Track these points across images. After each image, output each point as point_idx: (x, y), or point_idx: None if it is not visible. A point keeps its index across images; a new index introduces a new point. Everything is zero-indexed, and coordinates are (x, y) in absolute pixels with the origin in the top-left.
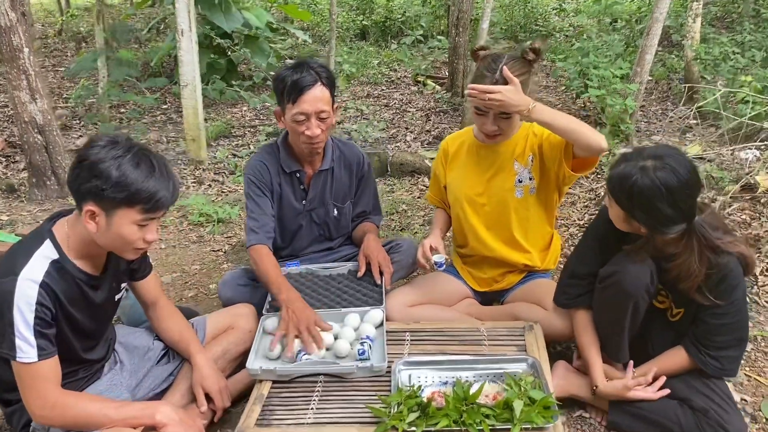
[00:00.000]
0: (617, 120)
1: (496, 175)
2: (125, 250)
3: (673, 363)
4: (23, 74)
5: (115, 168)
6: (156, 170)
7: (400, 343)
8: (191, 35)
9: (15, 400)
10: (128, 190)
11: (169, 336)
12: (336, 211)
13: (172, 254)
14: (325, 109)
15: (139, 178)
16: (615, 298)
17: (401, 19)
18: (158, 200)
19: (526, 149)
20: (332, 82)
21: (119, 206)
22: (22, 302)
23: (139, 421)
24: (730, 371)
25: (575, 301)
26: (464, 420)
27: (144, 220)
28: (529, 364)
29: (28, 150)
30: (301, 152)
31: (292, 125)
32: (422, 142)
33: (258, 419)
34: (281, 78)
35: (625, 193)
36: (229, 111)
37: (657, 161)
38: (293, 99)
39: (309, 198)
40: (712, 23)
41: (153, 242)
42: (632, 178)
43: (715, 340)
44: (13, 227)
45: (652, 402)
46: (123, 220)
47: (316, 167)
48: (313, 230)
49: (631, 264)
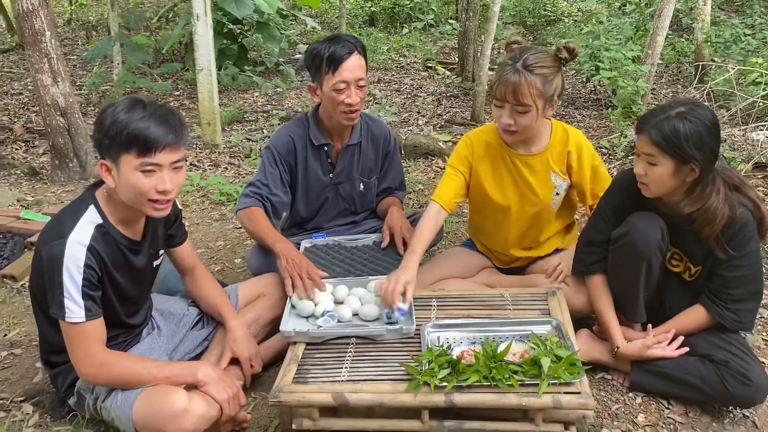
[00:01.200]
0: (629, 102)
1: (534, 189)
2: (142, 203)
3: (690, 321)
4: (45, 57)
5: (110, 116)
6: (147, 111)
7: (427, 308)
8: (206, 20)
9: (60, 362)
10: (121, 134)
11: (205, 302)
12: (362, 185)
13: (196, 231)
14: (362, 77)
15: (129, 120)
16: (628, 257)
17: (410, 5)
18: (148, 138)
19: (561, 161)
20: (365, 52)
21: (119, 154)
22: (71, 264)
23: (181, 379)
24: (747, 324)
25: (591, 268)
26: (493, 376)
27: (143, 165)
28: (553, 326)
29: (51, 133)
30: (334, 125)
31: (331, 95)
32: (434, 125)
33: (294, 377)
34: (316, 52)
35: (676, 140)
36: (241, 97)
37: (687, 107)
38: (333, 69)
39: (336, 171)
40: (721, 7)
41: (168, 193)
42: (679, 124)
43: (731, 293)
44: (39, 207)
45: (672, 360)
46: (126, 168)
47: (344, 141)
48: (339, 204)
49: (641, 223)
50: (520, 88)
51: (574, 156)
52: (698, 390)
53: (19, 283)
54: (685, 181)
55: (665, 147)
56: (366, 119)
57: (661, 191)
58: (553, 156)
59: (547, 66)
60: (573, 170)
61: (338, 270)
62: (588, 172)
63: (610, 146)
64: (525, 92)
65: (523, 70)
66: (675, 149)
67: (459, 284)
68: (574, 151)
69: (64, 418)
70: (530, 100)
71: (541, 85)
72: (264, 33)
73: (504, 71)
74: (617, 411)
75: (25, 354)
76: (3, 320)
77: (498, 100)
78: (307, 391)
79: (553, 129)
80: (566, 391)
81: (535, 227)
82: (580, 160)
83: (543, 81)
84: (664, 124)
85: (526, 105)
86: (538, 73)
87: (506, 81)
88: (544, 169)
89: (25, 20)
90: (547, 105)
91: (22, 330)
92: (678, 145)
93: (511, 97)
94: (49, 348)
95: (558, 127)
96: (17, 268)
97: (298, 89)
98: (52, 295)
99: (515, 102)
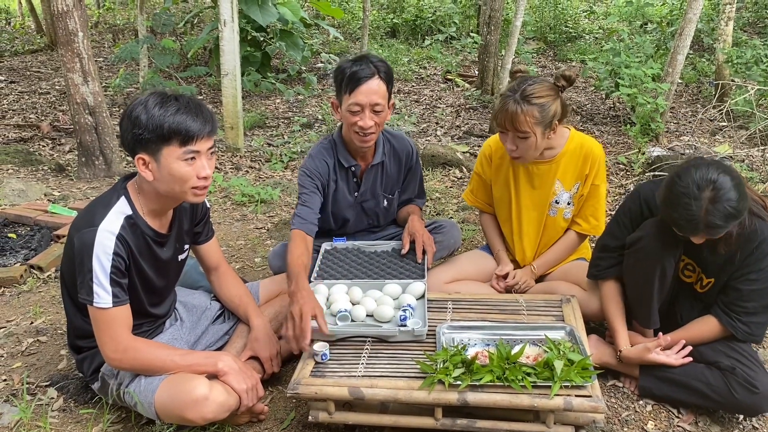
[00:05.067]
0: (648, 119)
1: (536, 190)
2: (185, 191)
3: (701, 332)
4: (77, 57)
5: (144, 112)
6: (182, 105)
7: (442, 311)
8: (233, 26)
9: (86, 347)
10: (160, 128)
11: (229, 299)
12: (386, 201)
13: (217, 230)
14: (380, 102)
15: (165, 114)
16: (642, 261)
17: (432, 18)
18: (189, 129)
19: (573, 173)
20: (390, 77)
21: (160, 146)
22: (100, 251)
23: (203, 368)
24: (758, 337)
25: (605, 273)
26: (507, 376)
27: (186, 153)
28: (567, 332)
29: (79, 130)
30: (352, 145)
31: (346, 115)
32: (452, 136)
33: (312, 371)
34: (341, 69)
35: (725, 226)
36: (263, 103)
37: (710, 187)
38: (350, 89)
39: (361, 191)
40: (744, 29)
41: (208, 178)
42: (716, 215)
43: (745, 306)
44: (65, 202)
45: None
46: (168, 159)
47: (368, 161)
48: (363, 220)
49: (657, 228)
50: (518, 117)
51: (588, 166)
52: (705, 396)
53: (46, 274)
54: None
55: (722, 232)
56: (388, 136)
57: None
58: (561, 165)
59: (543, 96)
60: (588, 179)
61: (356, 272)
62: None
63: (628, 162)
64: (522, 121)
65: (521, 100)
66: (726, 230)
67: (474, 287)
68: (589, 161)
69: (88, 403)
70: (528, 127)
71: (538, 114)
72: (287, 41)
73: (504, 102)
74: (627, 417)
75: (50, 341)
76: (30, 308)
77: (500, 128)
78: (325, 385)
79: (569, 139)
80: (578, 394)
81: (546, 236)
82: (591, 172)
83: (540, 110)
84: (707, 220)
85: (525, 132)
86: (536, 103)
87: (506, 111)
88: (548, 176)
89: (59, 21)
90: (546, 130)
91: (48, 318)
92: (726, 227)
93: (510, 126)
94: (75, 333)
95: (575, 137)
96: (44, 259)
97: (319, 97)
98: (81, 280)
99: (514, 130)
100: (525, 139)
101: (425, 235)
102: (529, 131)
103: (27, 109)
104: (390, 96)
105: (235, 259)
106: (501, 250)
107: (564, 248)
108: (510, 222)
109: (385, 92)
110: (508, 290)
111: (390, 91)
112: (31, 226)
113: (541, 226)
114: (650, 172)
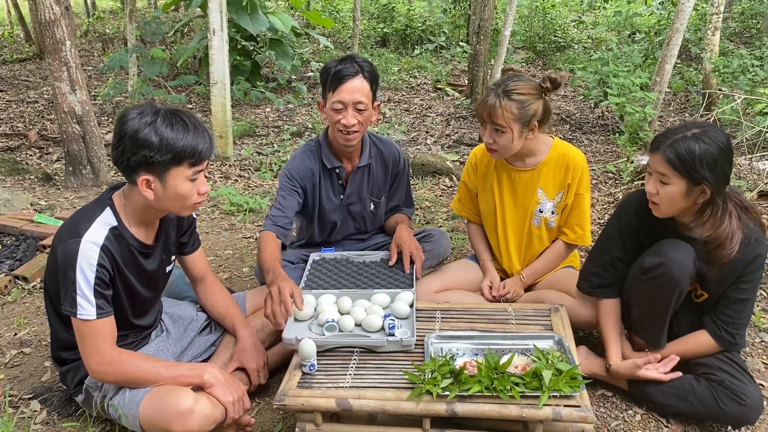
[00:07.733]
0: (636, 128)
1: (519, 198)
2: (184, 207)
3: (694, 347)
4: (65, 66)
5: (153, 134)
6: (189, 126)
7: (431, 320)
8: (222, 35)
9: (70, 359)
10: (173, 150)
11: (216, 311)
12: (372, 205)
13: (205, 240)
14: (362, 101)
15: (177, 136)
16: (664, 287)
17: (422, 27)
18: (200, 152)
19: (555, 182)
20: (374, 77)
21: (169, 167)
22: (84, 263)
23: (188, 379)
24: (740, 345)
25: (596, 291)
26: (495, 386)
27: (194, 174)
28: (555, 341)
29: (66, 140)
30: (337, 145)
31: (330, 113)
32: (442, 145)
33: (299, 382)
34: (326, 68)
35: (690, 161)
36: (252, 112)
37: (702, 128)
38: (333, 88)
39: (347, 193)
40: (730, 38)
41: (206, 193)
42: (694, 145)
43: (732, 314)
44: (51, 211)
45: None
46: (176, 179)
47: (354, 163)
48: (350, 225)
49: (676, 252)
50: (496, 111)
51: (570, 175)
52: (693, 407)
53: (31, 284)
54: (696, 203)
55: (678, 166)
56: (375, 141)
57: (670, 211)
58: (543, 173)
59: (525, 93)
60: (571, 188)
61: (345, 282)
62: (571, 197)
63: (617, 171)
64: (500, 115)
65: (502, 94)
66: (688, 169)
67: (463, 296)
68: (571, 170)
69: (72, 416)
70: (505, 122)
71: (516, 110)
72: (277, 50)
73: (486, 94)
74: (616, 427)
75: (34, 353)
76: (14, 319)
77: (480, 119)
78: (312, 396)
79: (552, 147)
80: (566, 404)
81: (531, 245)
82: (574, 181)
83: (519, 106)
84: (679, 143)
85: (502, 126)
86: (515, 99)
87: (485, 103)
88: (531, 185)
89: (46, 29)
90: (525, 129)
91: (32, 330)
92: (691, 166)
93: (488, 118)
94: (59, 345)
95: (558, 145)
96: (29, 270)
97: (309, 105)
98: (65, 291)
99: (492, 123)
100: (502, 133)
101: (413, 245)
102: (505, 126)
103: (15, 118)
104: (374, 96)
105: (223, 269)
106: (487, 260)
107: (552, 258)
108: (496, 231)
109: (368, 91)
110: (497, 299)
111: (374, 91)
112: (17, 236)
113: (525, 234)
114: (639, 180)
